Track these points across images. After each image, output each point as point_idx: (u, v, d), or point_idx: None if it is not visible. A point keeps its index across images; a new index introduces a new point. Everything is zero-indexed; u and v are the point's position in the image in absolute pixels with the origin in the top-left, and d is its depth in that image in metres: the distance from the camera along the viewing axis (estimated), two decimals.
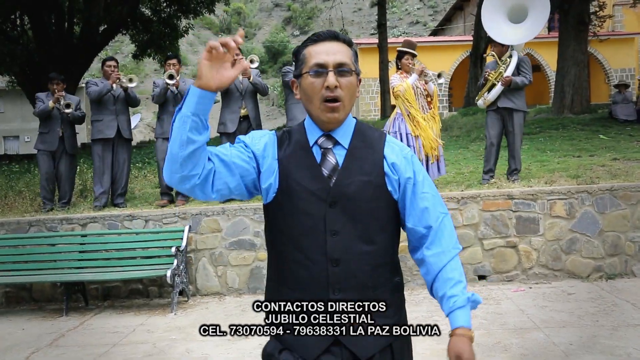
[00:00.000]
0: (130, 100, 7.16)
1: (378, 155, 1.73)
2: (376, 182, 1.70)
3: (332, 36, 1.71)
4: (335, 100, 1.66)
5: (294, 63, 1.81)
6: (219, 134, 7.07)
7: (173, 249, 5.89)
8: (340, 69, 1.67)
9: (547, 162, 7.92)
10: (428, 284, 1.79)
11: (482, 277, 6.09)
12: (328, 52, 1.67)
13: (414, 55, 6.63)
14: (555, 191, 6.06)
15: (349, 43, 1.73)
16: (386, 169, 1.72)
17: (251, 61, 7.00)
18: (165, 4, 18.01)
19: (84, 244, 6.30)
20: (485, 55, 6.89)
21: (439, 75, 6.87)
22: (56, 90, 7.12)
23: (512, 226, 6.06)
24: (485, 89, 6.77)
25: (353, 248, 1.67)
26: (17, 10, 15.94)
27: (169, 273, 5.71)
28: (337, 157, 1.71)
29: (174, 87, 6.93)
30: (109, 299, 6.44)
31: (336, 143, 1.73)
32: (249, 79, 6.91)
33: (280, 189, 1.70)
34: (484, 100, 6.76)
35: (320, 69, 1.66)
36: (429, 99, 6.56)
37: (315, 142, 1.73)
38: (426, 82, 6.57)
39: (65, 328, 5.47)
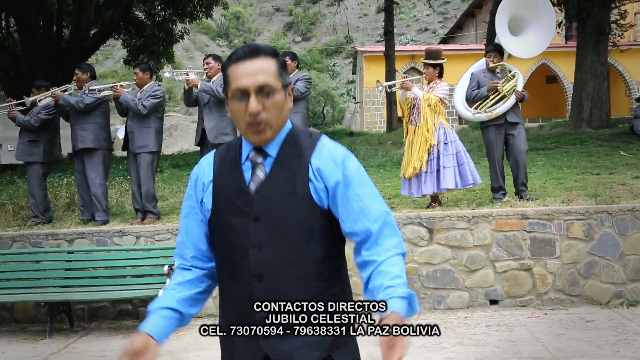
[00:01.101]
0: (64, 110, 7.08)
1: (304, 162, 1.76)
2: (300, 192, 1.73)
3: (253, 52, 1.73)
4: (259, 123, 1.72)
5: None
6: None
7: (165, 268, 5.89)
8: (263, 92, 1.71)
9: (563, 179, 7.94)
10: (364, 284, 1.74)
11: (494, 302, 6.09)
12: (248, 74, 1.70)
13: (434, 66, 6.66)
14: (572, 211, 6.07)
15: (274, 54, 1.76)
16: (311, 176, 1.74)
17: (170, 71, 7.14)
18: (160, 7, 18.17)
19: (71, 261, 6.31)
20: (492, 66, 6.86)
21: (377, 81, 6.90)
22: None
23: (527, 248, 6.06)
24: (491, 102, 6.74)
25: (277, 262, 1.72)
26: (1, 11, 16.08)
27: (160, 293, 5.70)
28: (265, 168, 1.78)
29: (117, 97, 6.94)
30: (96, 320, 6.44)
31: (267, 156, 1.79)
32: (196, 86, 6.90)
33: (213, 207, 1.82)
34: (488, 113, 6.71)
35: (242, 95, 1.71)
36: (429, 109, 6.55)
37: (248, 157, 1.80)
38: (409, 90, 6.63)
39: (48, 351, 5.47)
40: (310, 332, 1.71)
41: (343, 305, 1.73)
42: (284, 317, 1.70)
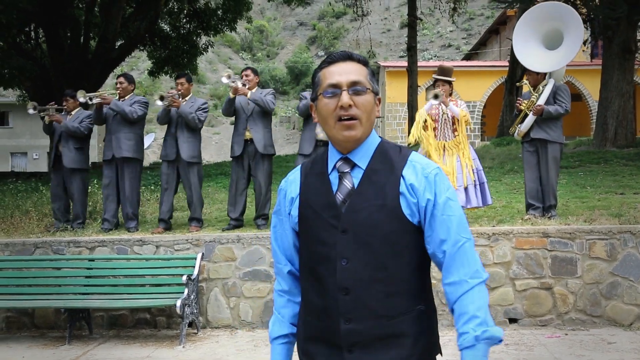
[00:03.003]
0: (124, 116, 7.16)
1: (395, 176, 1.76)
2: (391, 205, 1.73)
3: (346, 57, 1.81)
4: (350, 119, 1.74)
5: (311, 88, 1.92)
6: (231, 158, 7.19)
7: (184, 278, 5.95)
8: (355, 88, 1.75)
9: (586, 198, 7.87)
10: (450, 309, 1.80)
11: (513, 321, 6.03)
12: (341, 73, 1.77)
13: (447, 82, 6.73)
14: (595, 230, 6.01)
15: (364, 62, 1.82)
16: (402, 190, 1.74)
17: (228, 76, 7.06)
18: (185, 20, 18.46)
19: (91, 268, 6.40)
20: (518, 84, 6.93)
21: (436, 97, 6.90)
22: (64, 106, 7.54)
23: (547, 266, 6.01)
24: (518, 120, 6.83)
25: (364, 276, 1.72)
26: (31, 23, 16.45)
27: (178, 303, 5.76)
28: (354, 180, 1.78)
29: (175, 107, 7.01)
30: (115, 328, 6.50)
31: (354, 166, 1.79)
32: (245, 96, 6.91)
33: (299, 218, 1.83)
34: (517, 131, 6.81)
35: (334, 90, 1.76)
36: (454, 127, 6.66)
37: (335, 167, 1.81)
38: (446, 105, 6.68)
39: (67, 357, 5.53)
40: (396, 346, 1.73)
41: (429, 323, 1.81)
42: (370, 331, 1.72)
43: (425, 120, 6.72)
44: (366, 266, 1.72)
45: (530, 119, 6.60)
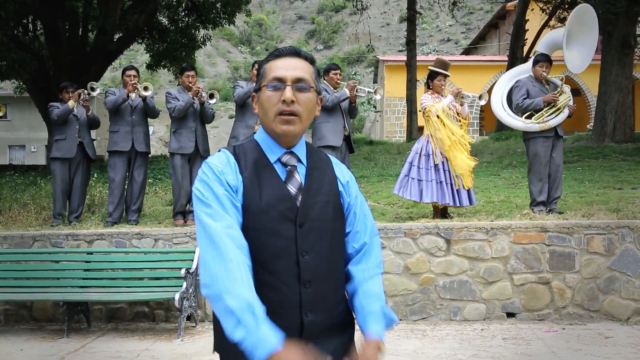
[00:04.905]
0: (149, 111, 7.30)
1: (331, 175, 1.88)
2: (335, 202, 1.85)
3: (294, 52, 1.83)
4: (291, 114, 1.76)
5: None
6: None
7: (182, 271, 5.96)
8: (299, 85, 1.77)
9: (585, 193, 7.88)
10: (349, 296, 1.91)
11: (510, 315, 6.05)
12: (287, 67, 1.79)
13: (446, 76, 6.72)
14: (593, 225, 6.02)
15: (311, 60, 1.85)
16: (341, 189, 1.88)
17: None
18: (183, 13, 18.39)
19: (90, 261, 6.40)
20: (546, 77, 6.78)
21: (480, 97, 6.94)
22: (72, 94, 7.37)
23: (545, 261, 6.02)
24: (546, 114, 6.67)
25: (322, 268, 1.78)
26: (29, 15, 16.38)
27: (177, 296, 5.77)
28: (300, 175, 1.82)
29: (198, 104, 7.07)
30: (113, 321, 6.51)
31: (299, 160, 1.84)
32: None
33: (245, 210, 1.74)
34: (541, 124, 6.64)
35: (278, 83, 1.77)
36: (460, 123, 6.61)
37: (278, 160, 1.81)
38: (462, 105, 6.66)
39: (65, 350, 5.54)
40: (340, 334, 1.84)
41: (350, 310, 1.92)
42: (325, 321, 1.79)
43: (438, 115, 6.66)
44: (323, 259, 1.78)
45: (564, 116, 6.59)
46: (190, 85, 7.11)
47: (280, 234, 1.74)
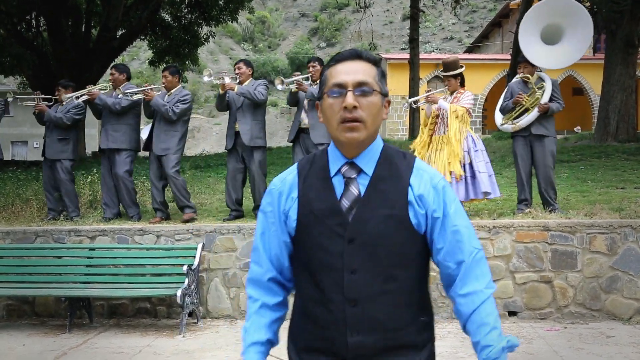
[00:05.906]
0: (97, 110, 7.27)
1: (403, 184, 1.71)
2: (399, 215, 1.69)
3: (355, 55, 1.74)
4: (354, 120, 1.67)
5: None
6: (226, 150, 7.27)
7: (184, 267, 5.96)
8: (361, 89, 1.68)
9: (587, 192, 7.87)
10: (460, 323, 1.80)
11: (512, 313, 6.05)
12: (348, 72, 1.70)
13: (454, 76, 6.71)
14: (595, 224, 6.01)
15: (374, 62, 1.75)
16: (411, 200, 1.71)
17: (209, 75, 7.12)
18: (186, 10, 18.39)
19: (92, 257, 6.41)
20: (520, 77, 6.88)
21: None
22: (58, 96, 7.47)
23: (547, 260, 6.02)
24: (515, 113, 6.74)
25: (373, 287, 1.67)
26: (32, 11, 16.39)
27: (179, 293, 5.77)
28: (360, 187, 1.71)
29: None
30: (115, 317, 6.52)
31: (360, 171, 1.73)
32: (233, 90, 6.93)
33: (300, 224, 1.74)
34: (512, 125, 6.71)
35: (340, 90, 1.69)
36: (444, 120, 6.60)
37: (338, 171, 1.74)
38: (435, 103, 6.69)
39: (67, 346, 5.55)
40: (400, 358, 1.71)
41: (431, 334, 1.81)
42: (377, 344, 1.68)
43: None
44: (375, 278, 1.67)
45: (533, 115, 6.57)
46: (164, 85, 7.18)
47: (327, 249, 1.69)
